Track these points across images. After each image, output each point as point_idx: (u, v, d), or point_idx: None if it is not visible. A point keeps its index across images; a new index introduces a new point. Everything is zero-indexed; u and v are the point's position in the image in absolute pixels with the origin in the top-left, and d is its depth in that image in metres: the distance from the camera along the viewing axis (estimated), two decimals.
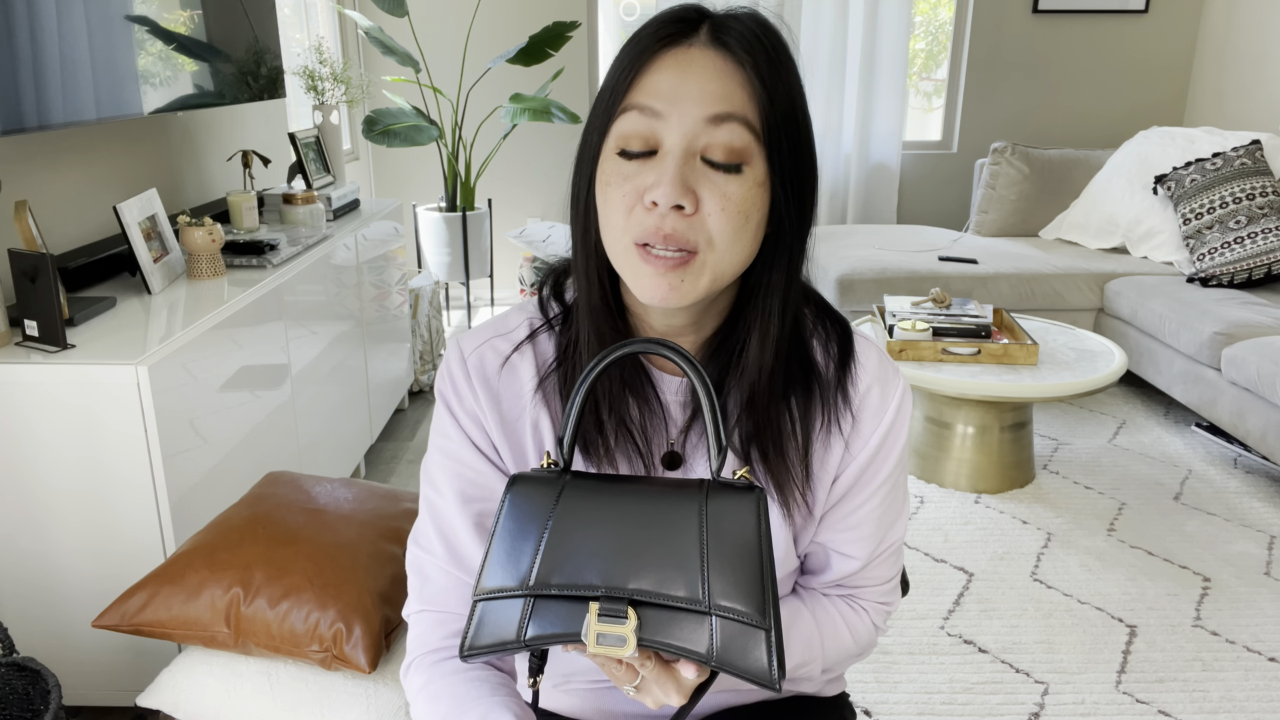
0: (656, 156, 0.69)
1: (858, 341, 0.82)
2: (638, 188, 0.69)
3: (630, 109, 0.70)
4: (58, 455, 1.50)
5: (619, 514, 0.64)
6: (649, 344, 0.67)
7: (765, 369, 0.75)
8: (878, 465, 0.81)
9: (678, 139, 0.68)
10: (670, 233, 0.68)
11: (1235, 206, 3.17)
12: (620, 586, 0.61)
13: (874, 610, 0.88)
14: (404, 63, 3.49)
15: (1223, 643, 1.94)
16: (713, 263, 0.70)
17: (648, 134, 0.69)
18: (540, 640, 0.62)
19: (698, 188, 0.68)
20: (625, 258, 0.71)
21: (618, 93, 0.71)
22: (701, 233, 0.69)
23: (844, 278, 3.27)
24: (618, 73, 0.71)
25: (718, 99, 0.68)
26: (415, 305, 3.30)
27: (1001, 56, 4.21)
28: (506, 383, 0.80)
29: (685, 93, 0.68)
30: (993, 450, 2.59)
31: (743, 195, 0.69)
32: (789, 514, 0.79)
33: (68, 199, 1.94)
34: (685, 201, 0.67)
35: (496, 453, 0.81)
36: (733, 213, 0.69)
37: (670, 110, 0.68)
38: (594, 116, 0.73)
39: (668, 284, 0.70)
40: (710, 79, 0.68)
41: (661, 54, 0.70)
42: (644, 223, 0.69)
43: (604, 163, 0.72)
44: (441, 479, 0.81)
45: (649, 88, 0.69)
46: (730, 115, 0.68)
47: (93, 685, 1.64)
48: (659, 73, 0.69)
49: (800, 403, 0.78)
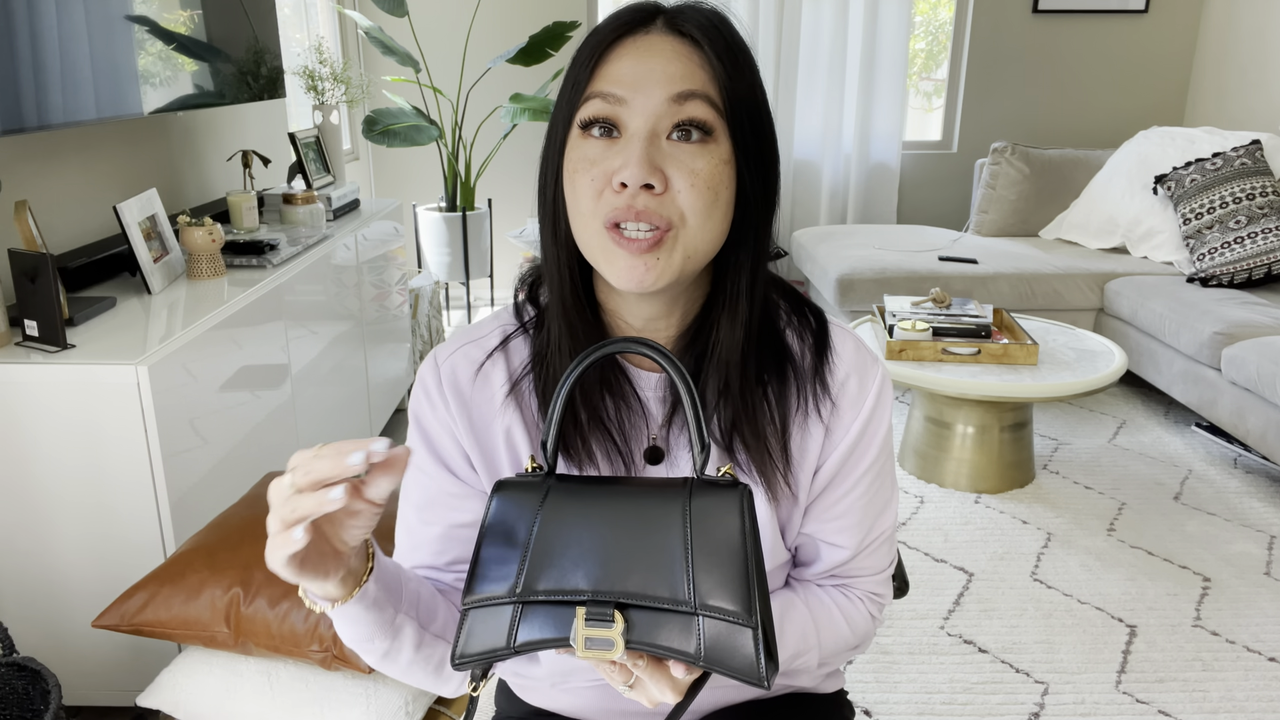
0: (622, 139, 0.70)
1: (834, 330, 0.82)
2: (605, 172, 0.69)
3: (593, 97, 0.70)
4: (58, 455, 1.50)
5: (603, 517, 0.64)
6: (628, 344, 0.66)
7: (737, 348, 0.76)
8: (859, 454, 0.81)
9: (642, 121, 0.69)
10: (642, 210, 0.68)
11: (1235, 206, 3.17)
12: (607, 590, 0.61)
13: (869, 600, 0.88)
14: (404, 63, 3.49)
15: (1223, 643, 1.94)
16: (685, 239, 0.70)
17: (612, 118, 0.70)
18: (530, 646, 0.62)
19: (665, 166, 0.69)
20: (597, 241, 0.71)
21: (579, 84, 0.71)
22: (673, 209, 0.69)
23: (844, 278, 3.27)
24: (577, 66, 0.72)
25: (679, 79, 0.69)
26: (415, 305, 3.30)
27: (1001, 56, 4.21)
28: (479, 390, 0.80)
29: (647, 75, 0.69)
30: (993, 450, 2.59)
31: (710, 170, 0.69)
32: (774, 499, 0.79)
33: (68, 199, 1.94)
34: (654, 180, 0.68)
35: (469, 462, 0.81)
36: (702, 188, 0.69)
37: (633, 95, 0.69)
38: (557, 110, 0.74)
39: (644, 265, 0.70)
40: (670, 60, 0.69)
41: (620, 42, 0.71)
42: (614, 204, 0.69)
43: (570, 152, 0.72)
44: (414, 494, 0.83)
45: (610, 75, 0.70)
46: (693, 93, 0.69)
47: (93, 685, 1.64)
48: (619, 60, 0.70)
49: (775, 388, 0.79)
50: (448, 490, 0.81)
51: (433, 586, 0.82)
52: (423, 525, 0.83)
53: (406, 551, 0.85)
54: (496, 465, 0.81)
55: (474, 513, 0.81)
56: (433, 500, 0.82)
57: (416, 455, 0.82)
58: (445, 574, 0.84)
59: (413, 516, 0.83)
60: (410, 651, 0.76)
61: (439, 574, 0.84)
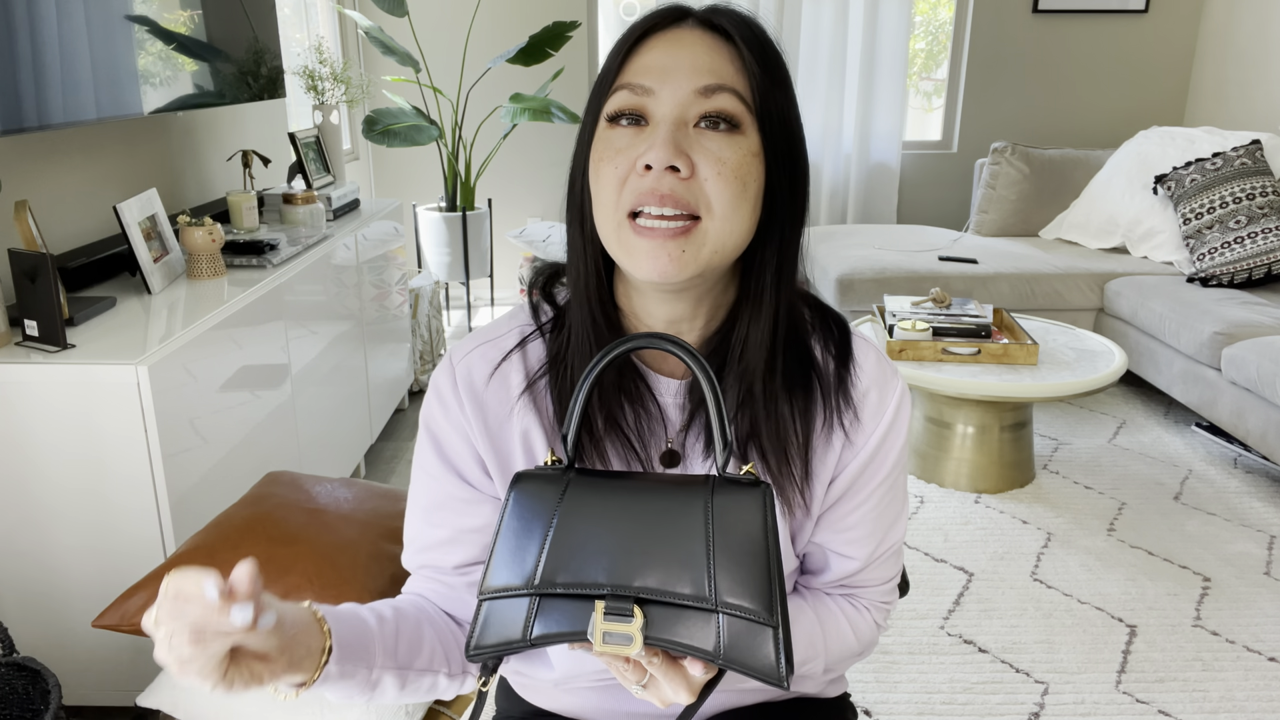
0: (649, 127, 0.69)
1: (856, 343, 0.81)
2: (630, 158, 0.69)
3: (621, 88, 0.70)
4: (58, 455, 1.50)
5: (624, 511, 0.63)
6: (652, 339, 0.65)
7: (763, 353, 0.74)
8: (874, 468, 0.80)
9: (669, 109, 0.68)
10: (667, 193, 0.67)
11: (1235, 206, 3.17)
12: (626, 584, 0.61)
13: (875, 609, 0.88)
14: (404, 63, 3.49)
15: (1223, 643, 1.94)
16: (714, 231, 0.69)
17: (639, 109, 0.69)
18: (547, 639, 0.62)
19: (692, 152, 0.68)
20: (618, 235, 0.70)
21: (608, 77, 0.71)
22: (700, 197, 0.68)
23: (844, 278, 3.27)
24: (609, 60, 0.72)
25: (707, 72, 0.68)
26: (415, 305, 3.30)
27: (1001, 56, 4.21)
28: (494, 391, 0.79)
29: (675, 67, 0.68)
30: (993, 450, 2.59)
31: (738, 160, 0.68)
32: (789, 511, 0.78)
33: (68, 199, 1.93)
34: (679, 163, 0.67)
35: (481, 466, 0.80)
36: (729, 177, 0.68)
37: (661, 86, 0.68)
38: (588, 108, 0.74)
39: (667, 254, 0.68)
40: (700, 54, 0.69)
41: (651, 36, 0.71)
42: (638, 188, 0.68)
43: (597, 144, 0.72)
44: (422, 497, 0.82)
45: (639, 67, 0.70)
46: (721, 86, 0.68)
47: (93, 685, 1.64)
48: (649, 53, 0.70)
49: (800, 400, 0.77)
50: (456, 495, 0.80)
51: (416, 615, 0.80)
52: (430, 528, 0.82)
53: (413, 553, 0.84)
54: (511, 468, 0.80)
55: (483, 517, 0.80)
56: (440, 504, 0.81)
57: (425, 459, 0.81)
58: (451, 578, 0.82)
59: (420, 519, 0.82)
60: (395, 693, 0.76)
61: (443, 579, 0.83)
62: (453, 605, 0.84)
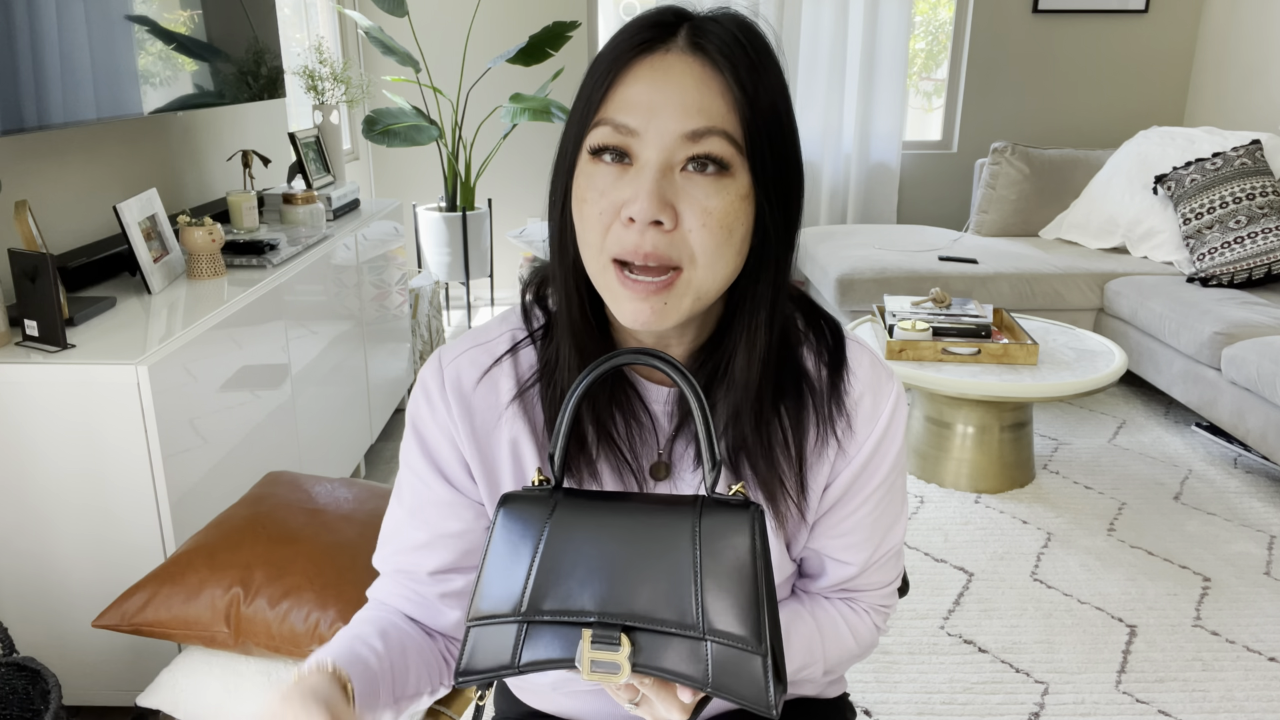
0: (634, 169, 0.66)
1: (850, 348, 0.80)
2: (614, 203, 0.66)
3: (603, 123, 0.67)
4: (58, 455, 1.50)
5: (611, 534, 0.62)
6: (638, 355, 0.64)
7: (752, 385, 0.73)
8: (869, 473, 0.79)
9: (654, 153, 0.65)
10: (650, 250, 0.65)
11: (1235, 206, 3.17)
12: (613, 612, 0.60)
13: (875, 612, 0.88)
14: (404, 63, 3.49)
15: (1223, 643, 1.94)
16: (696, 281, 0.68)
17: (623, 148, 0.67)
18: (535, 666, 0.61)
19: (677, 202, 0.66)
20: (604, 277, 0.69)
21: (592, 104, 0.68)
22: (683, 249, 0.66)
23: (844, 278, 3.27)
24: (592, 82, 0.69)
25: (695, 112, 0.65)
26: (415, 305, 3.30)
27: (1001, 56, 4.21)
28: (483, 396, 0.78)
29: (662, 105, 0.65)
30: (993, 450, 2.59)
31: (725, 209, 0.66)
32: (781, 524, 0.77)
33: (68, 199, 1.93)
34: (664, 216, 0.65)
35: (466, 469, 0.79)
36: (714, 228, 0.66)
37: (646, 126, 0.65)
38: (569, 125, 0.70)
39: (649, 307, 0.67)
40: (688, 89, 0.65)
41: (637, 62, 0.67)
42: (622, 240, 0.66)
43: (579, 177, 0.69)
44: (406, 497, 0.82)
45: (624, 100, 0.66)
46: (709, 130, 0.65)
47: (93, 685, 1.64)
48: (633, 84, 0.66)
49: (791, 411, 0.76)
50: (441, 498, 0.80)
51: (400, 640, 0.79)
52: (411, 529, 0.81)
53: (389, 554, 0.83)
54: (498, 475, 0.79)
55: (465, 521, 0.80)
56: (423, 505, 0.80)
57: (411, 458, 0.81)
58: (425, 586, 0.81)
59: (402, 517, 0.82)
60: (390, 718, 0.77)
61: (416, 586, 0.82)
62: (424, 614, 0.83)
